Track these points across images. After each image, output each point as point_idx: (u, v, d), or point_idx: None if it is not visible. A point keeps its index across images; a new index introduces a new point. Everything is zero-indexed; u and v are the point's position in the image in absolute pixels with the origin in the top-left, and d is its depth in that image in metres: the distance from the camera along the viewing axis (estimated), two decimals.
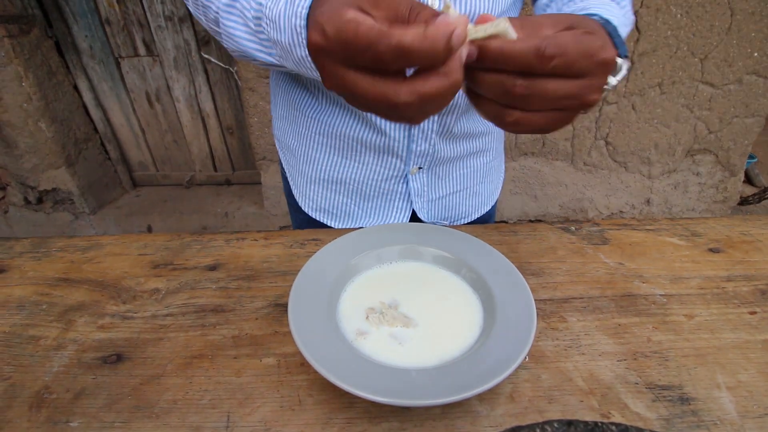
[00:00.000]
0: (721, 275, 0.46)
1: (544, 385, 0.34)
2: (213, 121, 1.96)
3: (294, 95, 0.54)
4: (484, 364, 0.31)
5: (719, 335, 0.39)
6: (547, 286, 0.45)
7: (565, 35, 0.26)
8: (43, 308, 0.43)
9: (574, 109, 0.29)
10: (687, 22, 1.50)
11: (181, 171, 2.12)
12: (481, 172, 0.60)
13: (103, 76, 1.85)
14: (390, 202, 0.57)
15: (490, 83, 0.27)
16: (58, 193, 1.90)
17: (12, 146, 1.76)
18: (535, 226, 0.54)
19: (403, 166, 0.53)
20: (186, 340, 0.38)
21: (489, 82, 0.27)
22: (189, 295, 0.44)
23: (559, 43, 0.25)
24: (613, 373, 0.35)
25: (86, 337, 0.39)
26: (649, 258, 0.49)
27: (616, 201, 1.88)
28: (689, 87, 1.62)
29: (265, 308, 0.42)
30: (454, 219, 0.61)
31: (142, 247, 0.51)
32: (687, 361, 0.36)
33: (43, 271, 0.48)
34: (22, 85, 1.63)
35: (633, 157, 1.76)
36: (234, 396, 0.33)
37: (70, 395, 0.34)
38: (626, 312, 0.41)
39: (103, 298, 0.44)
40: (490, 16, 0.27)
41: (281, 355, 0.37)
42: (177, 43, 1.77)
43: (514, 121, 0.28)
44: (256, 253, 0.50)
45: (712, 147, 1.75)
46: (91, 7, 1.70)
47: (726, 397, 0.33)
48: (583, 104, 0.28)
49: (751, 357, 0.37)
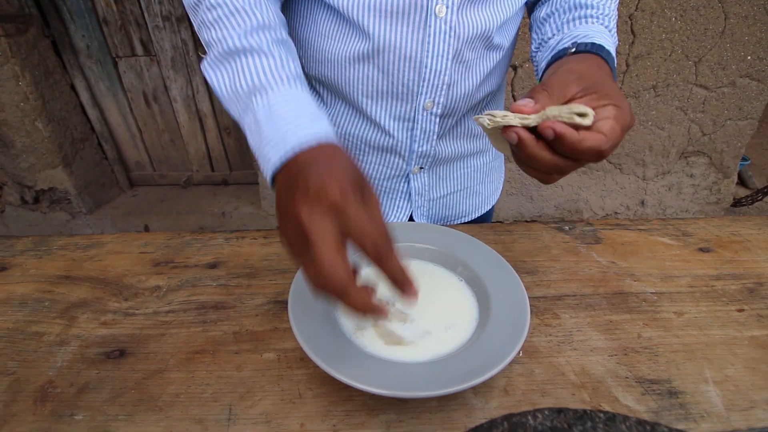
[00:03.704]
0: (711, 274, 0.48)
1: (538, 379, 0.35)
2: (210, 121, 1.97)
3: None
4: (479, 359, 0.32)
5: (707, 332, 0.40)
6: (541, 284, 0.46)
7: (615, 131, 0.31)
8: (46, 305, 0.43)
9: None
10: (681, 26, 1.52)
11: (178, 171, 2.12)
12: (482, 172, 0.61)
13: (100, 76, 1.85)
14: (391, 201, 0.58)
15: (548, 163, 0.32)
16: (55, 193, 1.89)
17: (9, 145, 1.76)
18: (530, 226, 0.56)
19: (405, 166, 0.54)
20: (187, 336, 0.39)
21: (548, 162, 0.32)
22: (190, 293, 0.44)
23: (614, 143, 0.31)
24: (604, 368, 0.36)
25: (89, 333, 0.40)
26: (640, 257, 0.50)
27: (611, 202, 1.89)
28: (683, 89, 1.64)
29: (266, 305, 0.43)
30: (454, 218, 0.62)
31: (142, 245, 0.52)
32: (676, 356, 0.37)
33: (44, 269, 0.48)
34: (19, 85, 1.63)
35: (627, 158, 1.78)
36: (235, 390, 0.34)
37: (74, 389, 0.34)
38: (618, 309, 0.42)
39: (105, 295, 0.44)
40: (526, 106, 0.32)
41: (281, 350, 0.38)
42: (174, 43, 1.77)
43: (554, 180, 0.35)
44: (256, 251, 0.50)
45: (705, 149, 1.77)
46: (89, 6, 1.70)
47: (713, 390, 0.34)
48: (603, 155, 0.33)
49: (737, 353, 0.38)
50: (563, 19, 0.46)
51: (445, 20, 0.43)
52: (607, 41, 0.41)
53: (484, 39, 0.46)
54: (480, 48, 0.47)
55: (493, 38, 0.47)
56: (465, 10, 0.44)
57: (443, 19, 0.43)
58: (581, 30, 0.43)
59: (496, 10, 0.46)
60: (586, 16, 0.45)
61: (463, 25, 0.44)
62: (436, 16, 0.42)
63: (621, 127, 0.32)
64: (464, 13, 0.44)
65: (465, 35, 0.44)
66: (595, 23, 0.45)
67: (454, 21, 0.43)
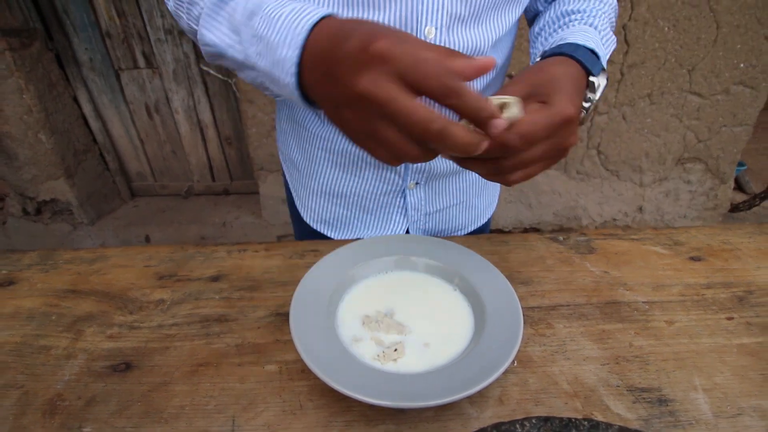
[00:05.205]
0: (701, 282, 0.49)
1: (531, 388, 0.36)
2: (211, 131, 1.99)
3: (299, 113, 0.57)
4: (474, 369, 0.33)
5: (697, 340, 0.41)
6: (535, 294, 0.47)
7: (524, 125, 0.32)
8: (53, 319, 0.44)
9: (557, 156, 0.36)
10: (674, 35, 1.54)
11: (180, 181, 2.14)
12: (477, 186, 0.62)
13: (103, 88, 1.87)
14: (388, 215, 0.59)
15: (484, 167, 0.35)
16: (57, 204, 1.91)
17: (12, 157, 1.77)
18: (526, 236, 0.57)
19: (400, 182, 0.56)
20: (191, 349, 0.40)
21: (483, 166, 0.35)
22: (193, 306, 0.45)
23: (522, 134, 0.31)
24: (597, 377, 0.37)
25: (95, 347, 0.41)
26: (633, 266, 0.51)
27: (609, 209, 1.91)
28: (678, 97, 1.66)
29: (267, 317, 0.44)
30: (450, 232, 0.64)
31: (146, 258, 0.53)
32: (666, 364, 0.38)
33: (51, 283, 0.50)
34: (23, 98, 1.65)
35: (624, 165, 1.80)
36: (238, 401, 0.35)
37: (82, 402, 0.35)
38: (610, 318, 0.44)
39: (111, 309, 0.46)
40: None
41: (283, 362, 0.39)
42: (177, 55, 1.80)
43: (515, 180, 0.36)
44: (258, 264, 0.52)
45: (701, 155, 1.79)
46: (92, 20, 1.73)
47: (702, 398, 0.35)
48: (563, 151, 0.35)
49: (726, 360, 0.39)
50: (550, 31, 0.48)
51: (435, 41, 0.44)
52: (583, 37, 0.42)
53: None
54: None
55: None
56: (455, 30, 0.45)
57: (432, 40, 0.44)
58: (559, 35, 0.44)
59: (487, 30, 0.47)
60: (570, 22, 0.47)
61: (454, 45, 0.45)
62: (425, 38, 0.44)
63: (534, 126, 0.32)
64: (454, 33, 0.45)
65: None
66: (577, 24, 0.46)
67: (443, 41, 0.44)
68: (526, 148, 0.32)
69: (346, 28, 0.29)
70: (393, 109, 0.27)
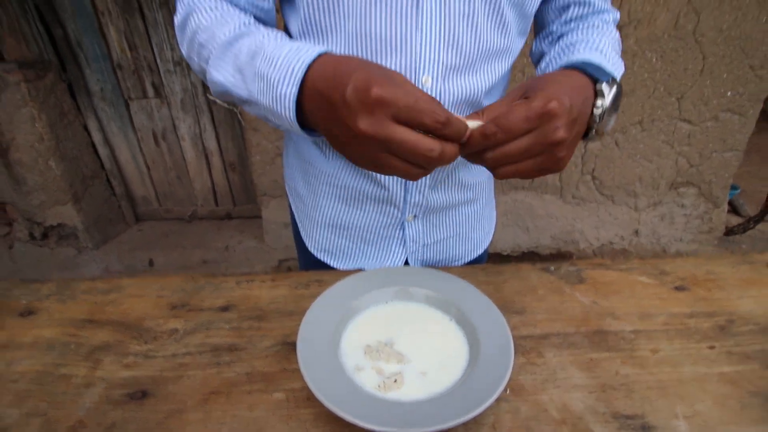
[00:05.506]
0: (685, 312, 0.51)
1: (522, 416, 0.38)
2: (216, 158, 2.04)
3: (305, 150, 0.61)
4: (468, 398, 0.36)
5: (680, 369, 0.43)
6: (527, 323, 0.49)
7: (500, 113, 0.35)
8: (72, 348, 0.47)
9: (548, 152, 0.36)
10: (662, 66, 1.61)
11: (184, 206, 2.18)
12: (473, 219, 0.66)
13: (113, 117, 1.94)
14: (388, 246, 0.62)
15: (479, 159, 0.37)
16: (64, 229, 1.95)
17: (21, 183, 1.82)
18: (519, 267, 0.60)
19: (399, 215, 0.59)
20: (204, 378, 0.43)
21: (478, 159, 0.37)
22: (205, 335, 0.48)
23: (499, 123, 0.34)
24: (584, 404, 0.39)
25: (113, 375, 0.43)
26: (621, 296, 0.54)
27: (605, 233, 1.94)
28: (668, 124, 1.71)
29: (275, 346, 0.46)
30: (448, 262, 0.67)
31: (159, 289, 0.56)
32: (650, 392, 0.41)
33: (68, 313, 0.52)
34: (35, 126, 1.71)
35: (619, 190, 1.84)
36: (248, 429, 0.38)
37: (102, 429, 0.38)
38: (598, 347, 0.46)
39: (126, 338, 0.48)
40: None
41: (290, 390, 0.41)
42: (185, 86, 1.87)
43: (504, 174, 0.37)
44: (265, 294, 0.55)
45: (694, 180, 1.83)
46: (104, 52, 1.81)
47: (683, 425, 0.38)
48: (551, 146, 0.35)
49: (707, 389, 0.41)
50: (556, 60, 0.50)
51: (431, 89, 0.48)
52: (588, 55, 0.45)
53: (471, 104, 0.52)
54: (468, 111, 0.52)
55: (482, 102, 0.53)
56: (450, 78, 0.48)
57: (429, 88, 0.48)
58: (563, 60, 0.47)
59: (482, 78, 0.50)
60: (575, 50, 0.49)
61: (449, 92, 0.49)
62: (422, 86, 0.48)
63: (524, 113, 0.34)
64: (449, 82, 0.48)
65: (451, 101, 0.50)
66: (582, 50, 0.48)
67: (439, 89, 0.48)
68: (504, 137, 0.34)
69: (342, 69, 0.33)
70: (395, 145, 0.32)
